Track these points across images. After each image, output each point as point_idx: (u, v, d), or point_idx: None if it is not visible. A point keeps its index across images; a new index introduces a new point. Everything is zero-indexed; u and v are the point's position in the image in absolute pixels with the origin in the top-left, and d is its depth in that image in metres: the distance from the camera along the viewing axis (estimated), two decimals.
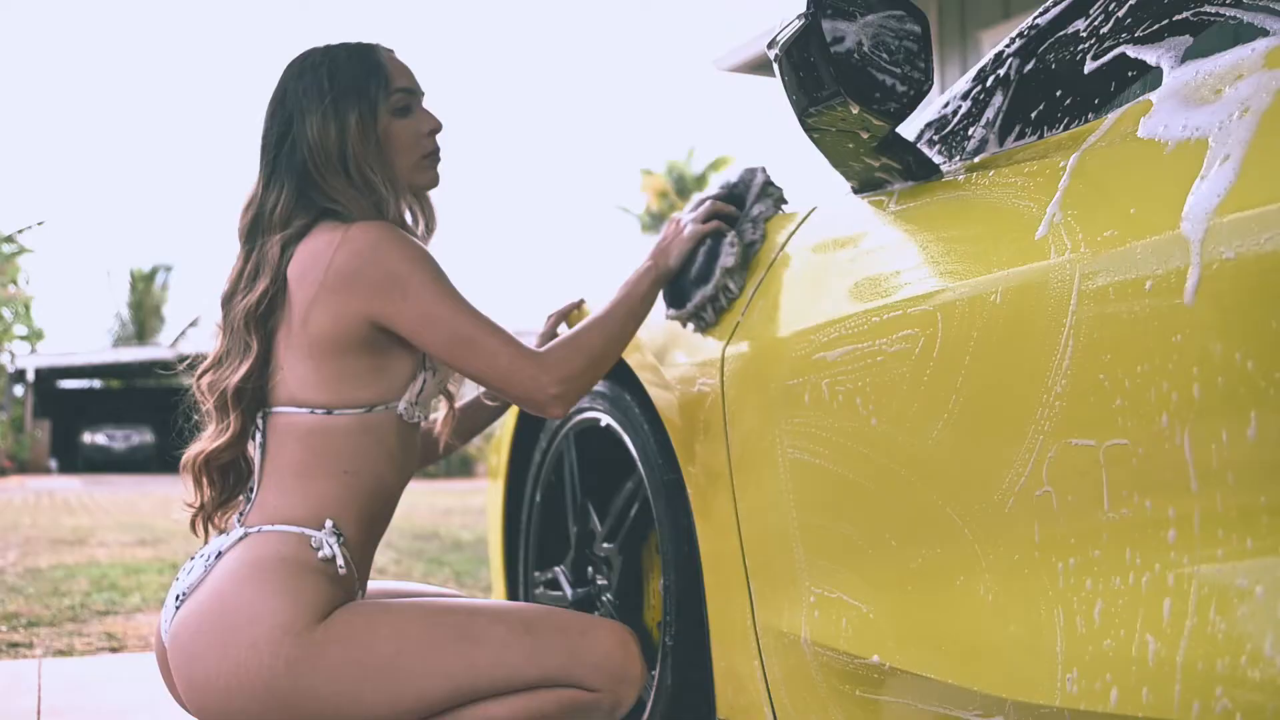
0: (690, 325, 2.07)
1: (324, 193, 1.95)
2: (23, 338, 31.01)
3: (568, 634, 1.87)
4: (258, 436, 1.96)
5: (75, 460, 33.87)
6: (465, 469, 27.12)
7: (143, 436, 34.83)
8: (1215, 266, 1.16)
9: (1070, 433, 1.31)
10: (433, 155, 2.05)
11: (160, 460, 34.05)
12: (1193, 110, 1.28)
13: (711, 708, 1.99)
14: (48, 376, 34.87)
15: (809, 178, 2.17)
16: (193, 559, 1.93)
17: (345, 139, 1.95)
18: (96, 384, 40.27)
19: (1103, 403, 1.27)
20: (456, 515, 11.68)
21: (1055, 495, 1.34)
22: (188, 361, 2.08)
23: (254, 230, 1.99)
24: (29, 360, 31.52)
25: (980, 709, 1.42)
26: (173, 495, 16.26)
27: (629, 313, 2.03)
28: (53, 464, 31.40)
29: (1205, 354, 1.17)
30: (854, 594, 1.66)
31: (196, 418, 2.05)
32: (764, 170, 2.11)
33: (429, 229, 2.14)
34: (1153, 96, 1.37)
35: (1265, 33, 1.34)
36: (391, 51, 2.07)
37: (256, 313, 1.93)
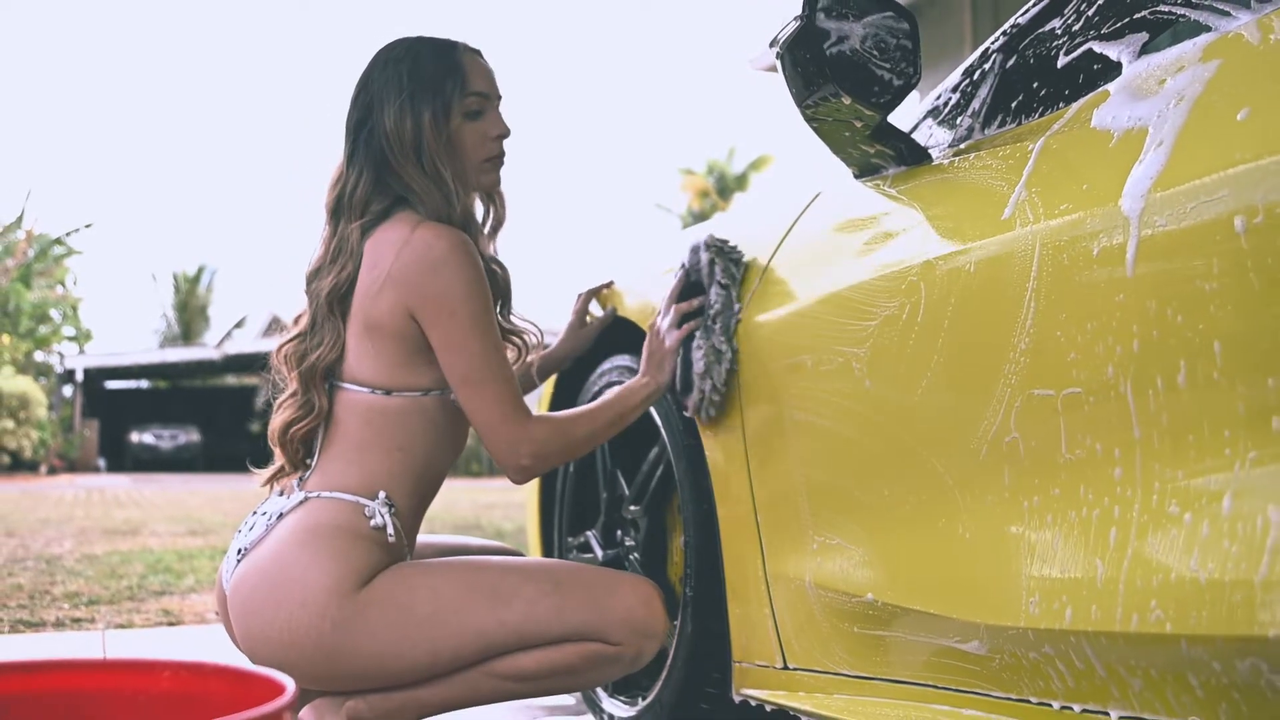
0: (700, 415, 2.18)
1: (400, 179, 2.08)
2: (71, 339, 31.55)
3: (593, 591, 2.02)
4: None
5: (123, 459, 34.31)
6: None
7: (189, 436, 35.28)
8: (1150, 236, 1.33)
9: (1033, 384, 1.49)
10: (496, 159, 2.16)
11: (207, 459, 34.49)
12: (1138, 102, 1.45)
13: (728, 652, 2.17)
14: (96, 377, 35.33)
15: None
16: (254, 514, 2.11)
17: (420, 132, 2.06)
18: (144, 384, 40.74)
19: (1059, 356, 1.45)
20: (499, 509, 11.89)
21: (1022, 441, 1.52)
22: (275, 344, 2.19)
23: (337, 209, 2.13)
24: (77, 361, 32.01)
25: (959, 635, 1.60)
26: (221, 491, 16.58)
27: (618, 417, 2.16)
28: (101, 463, 31.83)
29: (1143, 311, 1.34)
30: (851, 540, 1.84)
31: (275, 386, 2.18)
32: (707, 245, 2.19)
33: (498, 221, 2.25)
34: (1110, 87, 1.55)
35: (1209, 29, 1.50)
36: (477, 54, 2.16)
37: (339, 295, 2.08)
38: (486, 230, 2.24)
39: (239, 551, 2.07)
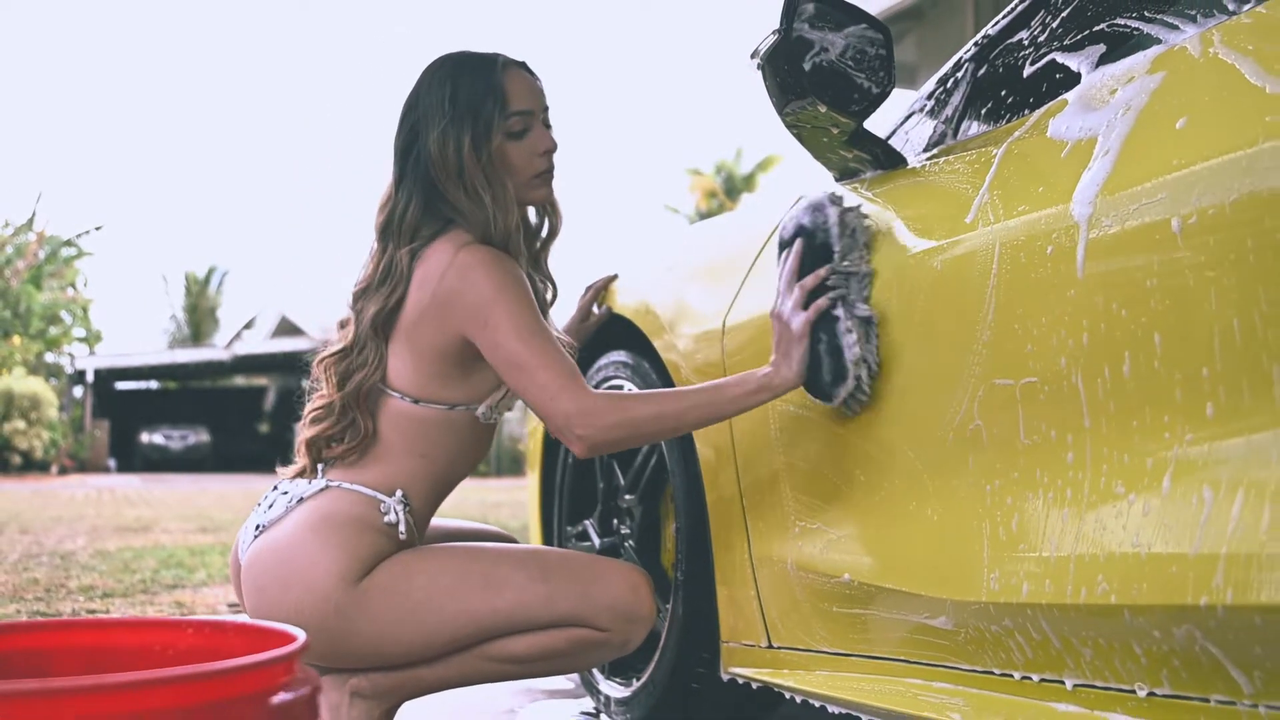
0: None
1: (449, 203, 2.12)
2: (82, 340, 31.72)
3: (581, 579, 2.11)
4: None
5: (133, 459, 34.36)
6: (516, 468, 27.43)
7: (199, 436, 35.35)
8: (1097, 238, 1.44)
9: (994, 374, 1.60)
10: (545, 173, 2.17)
11: (216, 459, 34.61)
12: (1090, 112, 1.56)
13: (716, 632, 2.28)
14: (106, 377, 35.41)
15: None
16: (275, 490, 2.19)
17: (461, 157, 2.09)
18: (153, 385, 40.81)
19: (1018, 348, 1.55)
20: (506, 508, 11.99)
21: (984, 428, 1.62)
22: (311, 354, 2.23)
23: (386, 230, 2.16)
24: (88, 362, 32.14)
25: (928, 611, 1.70)
26: (230, 490, 16.68)
27: (701, 409, 2.00)
28: (111, 463, 31.88)
29: (1091, 307, 1.45)
30: (830, 523, 1.94)
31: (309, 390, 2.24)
32: (832, 199, 1.93)
33: (553, 232, 2.30)
34: (1069, 96, 1.65)
35: (1159, 41, 1.60)
36: (520, 68, 2.17)
37: (382, 319, 2.13)
38: (541, 240, 2.29)
39: (257, 527, 2.16)
